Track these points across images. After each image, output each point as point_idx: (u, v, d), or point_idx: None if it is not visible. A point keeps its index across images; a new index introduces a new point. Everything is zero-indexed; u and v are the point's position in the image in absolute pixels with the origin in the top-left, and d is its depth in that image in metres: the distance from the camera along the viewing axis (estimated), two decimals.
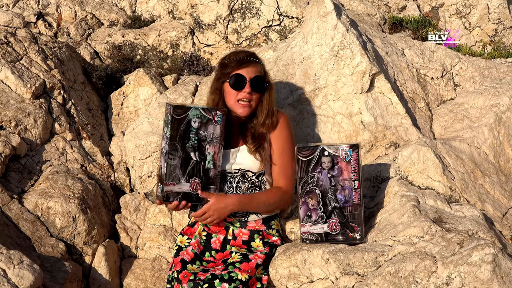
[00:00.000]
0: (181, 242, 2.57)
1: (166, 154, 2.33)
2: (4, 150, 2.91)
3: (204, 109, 2.41)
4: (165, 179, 2.34)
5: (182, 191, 2.40)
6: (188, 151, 2.38)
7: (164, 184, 2.34)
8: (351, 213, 2.39)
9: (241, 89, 2.51)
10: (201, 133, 2.40)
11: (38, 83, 3.26)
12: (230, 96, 2.54)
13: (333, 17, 2.99)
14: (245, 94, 2.51)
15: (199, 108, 2.39)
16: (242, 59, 2.55)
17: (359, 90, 2.99)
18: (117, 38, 4.06)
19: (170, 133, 2.32)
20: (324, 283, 2.32)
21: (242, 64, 2.53)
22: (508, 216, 2.73)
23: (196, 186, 2.43)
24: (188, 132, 2.37)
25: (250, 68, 2.54)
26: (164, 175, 2.34)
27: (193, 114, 2.37)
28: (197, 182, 2.43)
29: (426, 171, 2.67)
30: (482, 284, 1.99)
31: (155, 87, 3.60)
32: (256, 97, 2.55)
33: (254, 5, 3.92)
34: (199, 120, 2.38)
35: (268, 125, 2.58)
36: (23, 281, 2.26)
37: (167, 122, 2.34)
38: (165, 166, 2.33)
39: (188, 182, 2.40)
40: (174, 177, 2.36)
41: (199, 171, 2.42)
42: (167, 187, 2.35)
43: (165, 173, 2.33)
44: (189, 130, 2.37)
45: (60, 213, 2.87)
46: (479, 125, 3.06)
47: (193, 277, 2.34)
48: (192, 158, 2.40)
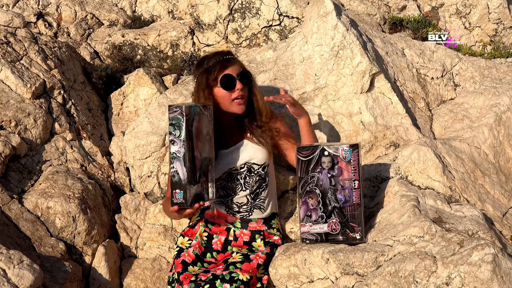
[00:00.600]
0: (182, 243, 2.57)
1: (184, 158, 2.23)
2: (4, 150, 2.91)
3: (203, 106, 2.38)
4: (187, 184, 2.24)
5: (197, 192, 2.33)
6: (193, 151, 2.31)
7: (187, 189, 2.24)
8: (351, 213, 2.40)
9: (233, 88, 2.52)
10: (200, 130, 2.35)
11: (38, 83, 3.26)
12: (225, 98, 2.55)
13: (333, 17, 2.99)
14: (238, 91, 2.53)
15: (199, 106, 2.35)
16: (224, 60, 2.56)
17: (359, 90, 2.99)
18: (117, 38, 4.06)
19: (184, 135, 2.23)
20: (324, 283, 2.32)
21: (226, 64, 2.55)
22: (508, 216, 2.73)
23: (205, 185, 2.39)
24: (193, 131, 2.30)
25: (234, 66, 2.57)
26: (184, 180, 2.24)
27: (194, 111, 2.31)
28: (205, 181, 2.38)
29: (426, 171, 2.67)
30: (482, 284, 1.99)
31: (155, 87, 3.60)
32: (246, 92, 2.58)
33: (254, 5, 3.92)
34: (197, 118, 2.33)
35: (268, 111, 2.64)
36: (23, 281, 2.26)
37: (178, 125, 2.23)
38: (184, 171, 2.23)
39: (198, 182, 2.34)
40: (192, 180, 2.28)
41: (202, 169, 2.38)
42: (189, 192, 2.25)
43: (186, 178, 2.23)
44: (193, 128, 2.30)
45: (60, 213, 2.87)
46: (479, 125, 3.06)
47: (194, 278, 2.34)
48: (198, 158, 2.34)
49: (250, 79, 2.60)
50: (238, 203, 2.60)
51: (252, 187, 2.58)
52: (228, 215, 2.63)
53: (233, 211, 2.61)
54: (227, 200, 2.61)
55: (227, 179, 2.58)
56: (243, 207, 2.60)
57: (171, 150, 2.25)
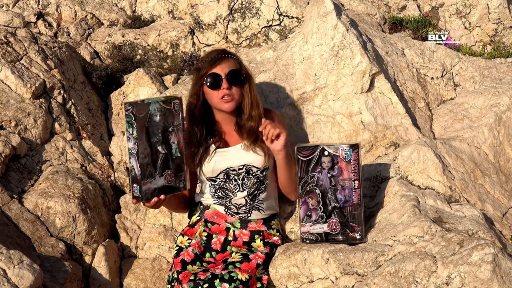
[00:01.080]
0: (182, 242, 2.57)
1: (137, 155, 2.28)
2: (4, 150, 2.91)
3: (163, 101, 2.37)
4: (142, 179, 2.30)
5: (159, 186, 2.36)
6: (155, 146, 2.34)
7: (142, 184, 2.30)
8: (351, 213, 2.40)
9: (219, 87, 2.51)
10: (163, 125, 2.36)
11: (38, 83, 3.25)
12: (213, 97, 2.54)
13: (333, 17, 2.99)
14: (224, 90, 2.51)
15: (158, 102, 2.34)
16: (213, 58, 2.55)
17: (359, 90, 2.99)
18: (117, 38, 4.06)
19: (136, 133, 2.27)
20: (324, 283, 2.32)
21: (215, 62, 2.53)
22: (508, 216, 2.73)
23: (170, 178, 2.41)
24: (151, 127, 2.32)
25: (224, 64, 2.53)
26: (139, 175, 2.29)
27: (153, 108, 2.32)
28: (170, 173, 2.40)
29: (426, 171, 2.67)
30: (482, 284, 1.99)
31: (155, 87, 3.60)
32: (236, 91, 2.54)
33: (254, 5, 3.92)
34: (160, 113, 2.34)
35: (255, 117, 2.56)
36: (23, 281, 2.26)
37: (131, 123, 2.27)
38: (138, 166, 2.28)
39: (162, 176, 2.37)
40: (148, 175, 2.32)
41: (168, 162, 2.39)
42: (144, 186, 2.30)
43: (140, 173, 2.29)
44: (152, 125, 2.32)
45: (60, 213, 2.87)
46: (479, 125, 3.06)
47: (193, 277, 2.34)
48: (161, 152, 2.36)
49: (241, 78, 2.55)
50: (236, 204, 2.59)
51: (250, 188, 2.57)
52: (227, 216, 2.63)
53: (232, 212, 2.61)
54: (225, 201, 2.61)
55: (225, 179, 2.58)
56: (241, 208, 2.60)
57: (128, 146, 2.31)
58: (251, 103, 2.57)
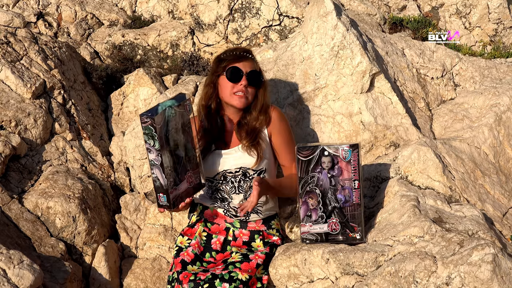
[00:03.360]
0: (181, 242, 2.57)
1: (161, 166, 2.26)
2: (4, 150, 2.91)
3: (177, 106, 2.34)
4: (169, 188, 2.29)
5: (183, 190, 2.38)
6: (174, 151, 2.33)
7: (169, 193, 2.29)
8: (351, 213, 2.40)
9: (237, 81, 2.53)
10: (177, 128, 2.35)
11: (38, 83, 3.26)
12: (226, 89, 2.55)
13: (333, 17, 2.99)
14: (241, 87, 2.52)
15: (172, 107, 2.31)
16: (238, 54, 2.58)
17: (359, 90, 2.99)
18: (117, 38, 4.06)
19: (159, 145, 2.23)
20: (324, 283, 2.32)
21: (239, 58, 2.56)
22: (508, 216, 2.73)
23: (191, 179, 2.41)
24: (169, 134, 2.30)
25: (247, 62, 2.57)
26: (165, 185, 2.28)
27: (168, 114, 2.29)
28: (190, 175, 2.41)
29: (426, 171, 2.67)
30: (482, 284, 1.99)
31: (155, 87, 3.60)
32: (251, 91, 2.56)
33: (254, 5, 3.92)
34: (174, 117, 2.32)
35: (262, 120, 2.59)
36: (23, 281, 2.26)
37: (151, 135, 2.22)
38: (163, 177, 2.27)
39: (184, 179, 2.38)
40: (173, 182, 2.32)
41: (185, 164, 2.39)
42: (171, 194, 2.31)
43: (166, 183, 2.28)
44: (170, 131, 2.30)
45: (60, 213, 2.87)
46: (479, 125, 3.06)
47: (193, 277, 2.34)
48: (180, 156, 2.36)
49: (259, 81, 2.58)
50: (235, 207, 2.60)
51: (246, 192, 2.58)
52: (226, 216, 2.63)
53: (230, 214, 2.62)
54: (224, 205, 2.61)
55: (222, 181, 2.58)
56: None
57: (148, 157, 2.28)
58: (261, 107, 2.59)
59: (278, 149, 2.64)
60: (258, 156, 2.55)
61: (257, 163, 2.55)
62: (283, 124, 2.65)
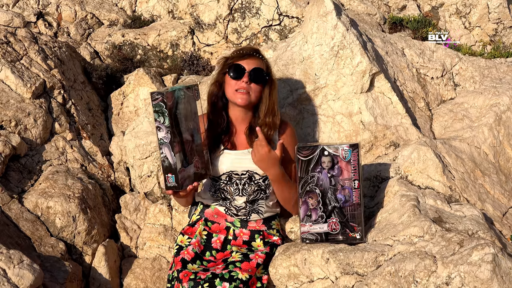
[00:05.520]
0: (182, 241, 2.58)
1: (170, 144, 2.26)
2: (4, 150, 2.91)
3: (186, 88, 2.37)
4: (177, 168, 2.28)
5: (190, 173, 2.38)
6: (183, 134, 2.33)
7: (178, 173, 2.28)
8: (351, 212, 2.40)
9: (239, 78, 2.52)
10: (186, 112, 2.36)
11: (38, 83, 3.26)
12: (230, 86, 2.55)
13: (333, 17, 2.99)
14: (243, 84, 2.52)
15: (182, 89, 2.34)
16: (244, 53, 2.58)
17: (359, 89, 2.99)
18: (117, 38, 4.06)
19: (168, 122, 2.24)
20: (324, 283, 2.32)
21: (243, 56, 2.56)
22: (508, 216, 2.73)
23: (198, 164, 2.42)
24: (179, 115, 2.31)
25: (251, 60, 2.56)
26: (174, 164, 2.28)
27: (178, 95, 2.31)
28: (197, 160, 2.42)
29: (426, 170, 2.67)
30: (482, 283, 1.99)
31: (155, 87, 3.60)
32: (255, 89, 2.55)
33: (254, 4, 3.92)
34: (184, 100, 2.34)
35: (270, 124, 2.57)
36: (23, 280, 2.26)
37: (161, 111, 2.24)
38: (172, 155, 2.26)
39: (192, 163, 2.38)
40: (182, 163, 2.32)
41: (193, 149, 2.40)
42: (180, 174, 2.30)
43: (175, 161, 2.27)
44: (179, 112, 2.31)
45: (60, 213, 2.87)
46: (479, 125, 3.06)
47: (193, 276, 2.34)
48: (188, 139, 2.37)
49: (263, 78, 2.56)
50: (236, 206, 2.60)
51: (250, 195, 2.58)
52: (226, 215, 2.63)
53: (231, 213, 2.62)
54: (225, 203, 2.61)
55: (227, 181, 2.59)
56: (241, 210, 2.60)
57: (158, 136, 2.29)
58: (267, 109, 2.57)
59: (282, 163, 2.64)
60: None
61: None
62: (293, 141, 2.65)
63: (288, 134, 2.63)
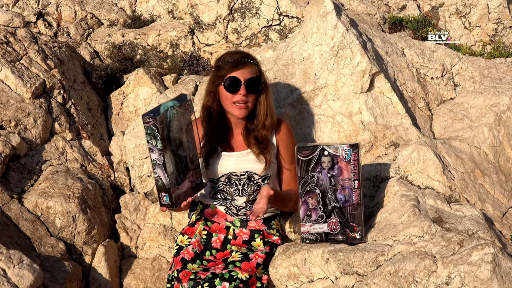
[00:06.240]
0: (182, 241, 2.58)
1: (163, 165, 2.27)
2: (4, 150, 2.91)
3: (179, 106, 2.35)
4: (171, 188, 2.30)
5: (185, 189, 2.39)
6: (176, 151, 2.33)
7: (171, 192, 2.31)
8: (351, 212, 2.40)
9: (236, 91, 2.50)
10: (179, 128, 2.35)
11: (38, 83, 3.25)
12: (226, 99, 2.54)
13: (333, 17, 2.99)
14: (240, 96, 2.50)
15: (174, 107, 2.31)
16: (236, 61, 2.52)
17: (359, 89, 2.99)
18: (117, 38, 4.06)
19: (161, 145, 2.24)
20: (324, 283, 2.32)
21: (237, 66, 2.51)
22: (508, 216, 2.73)
23: (193, 178, 2.42)
24: (171, 134, 2.31)
25: (245, 69, 2.52)
26: (167, 184, 2.30)
27: (170, 115, 2.30)
28: (192, 174, 2.42)
29: (426, 170, 2.67)
30: (482, 283, 1.99)
31: (155, 87, 3.60)
32: (252, 98, 2.55)
33: (254, 4, 3.92)
34: (176, 117, 2.33)
35: (269, 127, 2.58)
36: (23, 280, 2.26)
37: (153, 135, 2.24)
38: (166, 176, 2.28)
39: (186, 178, 2.39)
40: (175, 182, 2.33)
41: (187, 163, 2.40)
42: (174, 194, 2.32)
43: (168, 182, 2.29)
44: (172, 131, 2.31)
45: (60, 213, 2.87)
46: (479, 125, 3.06)
47: (193, 276, 2.34)
48: (182, 155, 2.37)
49: (259, 87, 2.55)
50: (237, 206, 2.60)
51: (250, 195, 2.59)
52: (226, 215, 2.63)
53: (231, 212, 2.62)
54: (226, 203, 2.61)
55: (226, 182, 2.59)
56: (241, 210, 2.61)
57: (151, 157, 2.29)
58: (266, 113, 2.57)
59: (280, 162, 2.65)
60: (266, 163, 2.55)
61: (265, 169, 2.56)
62: (291, 140, 2.65)
63: (285, 134, 2.64)
